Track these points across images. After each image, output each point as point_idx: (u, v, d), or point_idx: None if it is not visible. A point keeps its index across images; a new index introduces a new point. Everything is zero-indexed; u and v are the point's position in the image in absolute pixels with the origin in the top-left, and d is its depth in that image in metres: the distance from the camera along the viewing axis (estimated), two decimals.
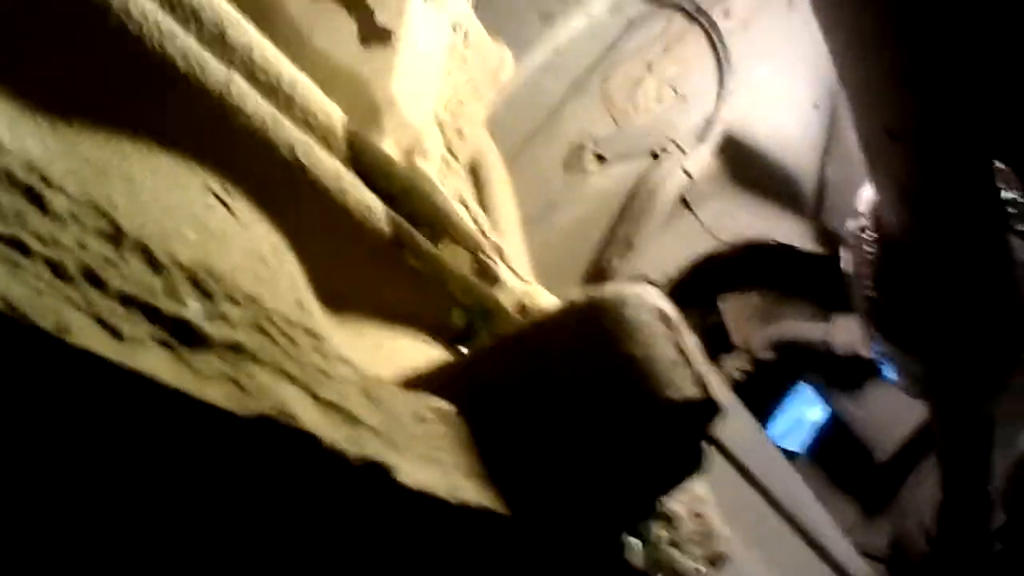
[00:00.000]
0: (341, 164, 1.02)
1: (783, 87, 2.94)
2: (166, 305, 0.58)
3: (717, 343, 3.29)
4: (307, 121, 1.02)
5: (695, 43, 2.91)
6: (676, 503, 1.02)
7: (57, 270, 0.54)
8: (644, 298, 0.88)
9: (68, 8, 0.77)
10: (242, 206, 0.90)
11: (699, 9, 2.88)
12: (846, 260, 1.72)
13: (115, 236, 0.59)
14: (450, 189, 1.54)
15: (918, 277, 1.57)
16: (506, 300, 1.30)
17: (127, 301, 0.56)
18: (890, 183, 1.50)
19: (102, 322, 0.54)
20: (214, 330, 0.59)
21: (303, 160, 0.95)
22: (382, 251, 1.06)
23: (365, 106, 1.48)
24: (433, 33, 1.64)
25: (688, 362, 0.86)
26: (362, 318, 1.09)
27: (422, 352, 1.12)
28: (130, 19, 0.80)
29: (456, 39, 1.71)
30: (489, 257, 1.33)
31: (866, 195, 1.66)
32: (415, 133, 1.50)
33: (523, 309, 1.34)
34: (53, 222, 0.56)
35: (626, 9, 2.93)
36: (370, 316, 1.10)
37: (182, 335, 0.57)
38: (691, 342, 0.89)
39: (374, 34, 1.56)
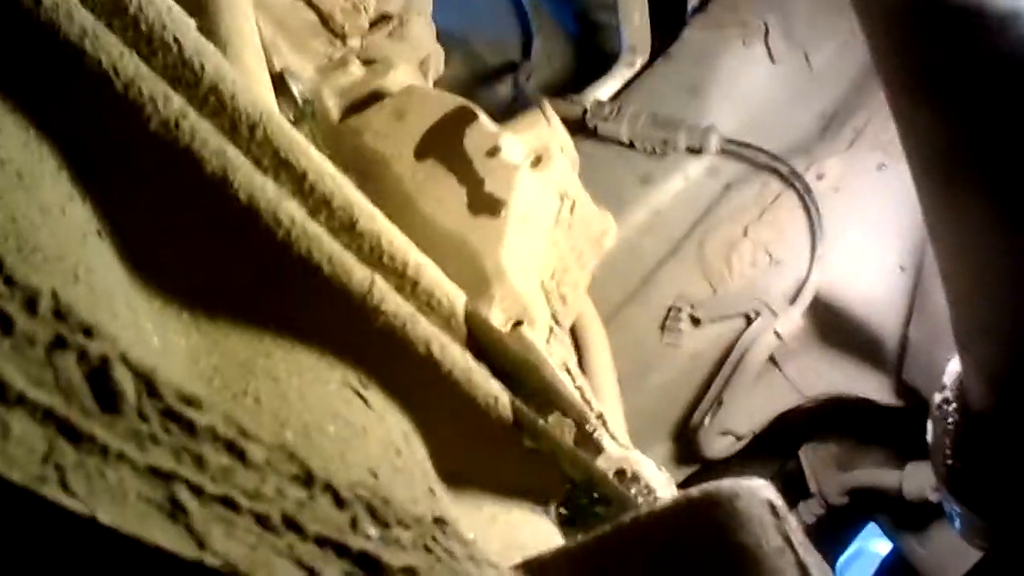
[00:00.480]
0: (470, 355, 1.07)
1: (871, 249, 2.96)
2: (352, 541, 0.61)
3: (795, 489, 3.28)
4: (430, 304, 1.07)
5: (789, 207, 2.95)
6: None
7: (263, 522, 0.57)
8: (755, 491, 0.91)
9: (216, 211, 0.83)
10: (376, 396, 0.95)
11: (794, 172, 2.92)
12: (929, 429, 1.75)
13: (307, 480, 0.62)
14: (556, 358, 1.58)
15: (997, 451, 1.60)
16: (607, 466, 1.35)
17: (321, 542, 0.59)
18: (979, 371, 1.54)
19: (302, 565, 0.57)
20: (391, 557, 0.63)
21: (438, 356, 1.01)
22: (502, 434, 1.10)
23: (474, 275, 1.53)
24: (541, 202, 1.68)
25: (793, 549, 0.89)
26: (478, 492, 1.14)
27: (531, 524, 1.17)
28: (279, 225, 0.86)
29: (563, 207, 1.75)
30: (593, 427, 1.37)
31: (952, 369, 1.69)
32: (523, 303, 1.54)
33: (622, 474, 1.38)
34: (255, 474, 0.58)
35: (723, 172, 2.99)
36: (485, 490, 1.15)
37: (367, 567, 0.61)
38: (795, 528, 0.92)
39: (483, 202, 1.61)
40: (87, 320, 0.47)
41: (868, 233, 2.95)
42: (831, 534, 3.38)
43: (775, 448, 3.24)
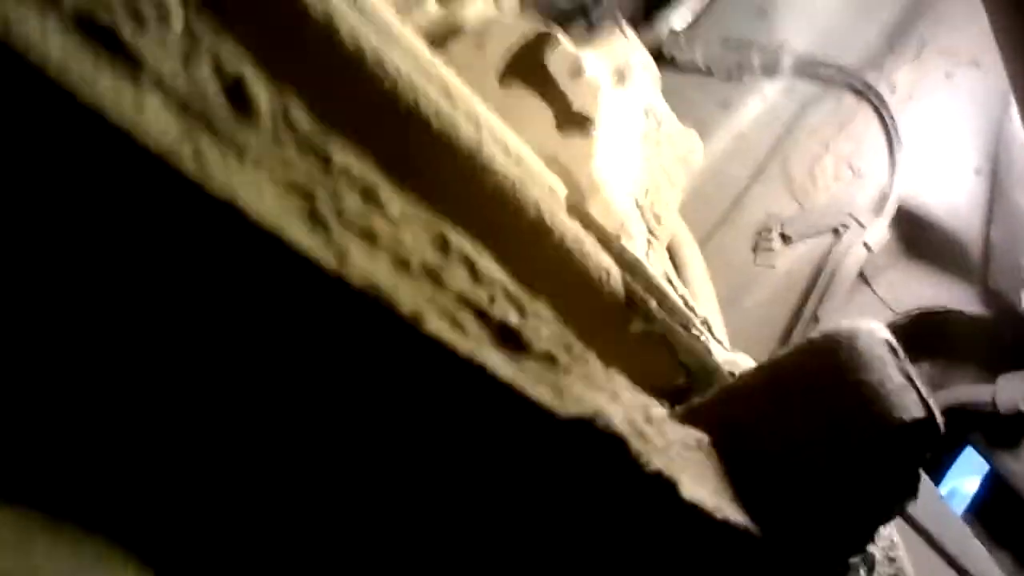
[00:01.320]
0: (581, 228, 1.07)
1: (947, 156, 2.97)
2: (493, 311, 0.63)
3: None
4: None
5: (865, 119, 2.97)
6: (872, 546, 1.06)
7: (403, 264, 0.58)
8: (875, 332, 0.93)
9: (326, 57, 0.83)
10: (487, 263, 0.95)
11: (867, 85, 2.94)
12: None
13: (444, 246, 0.63)
14: (657, 269, 1.59)
15: None
16: None
17: (463, 302, 0.61)
18: None
19: (449, 317, 0.59)
20: (533, 339, 0.66)
21: (550, 222, 1.01)
22: (615, 312, 1.12)
23: (570, 191, 1.55)
24: (628, 119, 1.69)
25: (915, 387, 0.92)
26: None
27: None
28: (385, 74, 0.85)
29: (649, 125, 1.77)
30: (700, 331, 1.38)
31: None
32: (619, 217, 1.55)
33: (731, 376, 1.39)
34: (392, 223, 0.59)
35: (798, 90, 3.00)
36: None
37: (508, 339, 0.63)
38: (914, 371, 0.94)
39: (571, 121, 1.62)
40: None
41: (942, 139, 2.97)
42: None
43: None
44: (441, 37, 1.83)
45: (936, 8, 3.04)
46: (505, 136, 1.06)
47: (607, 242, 1.16)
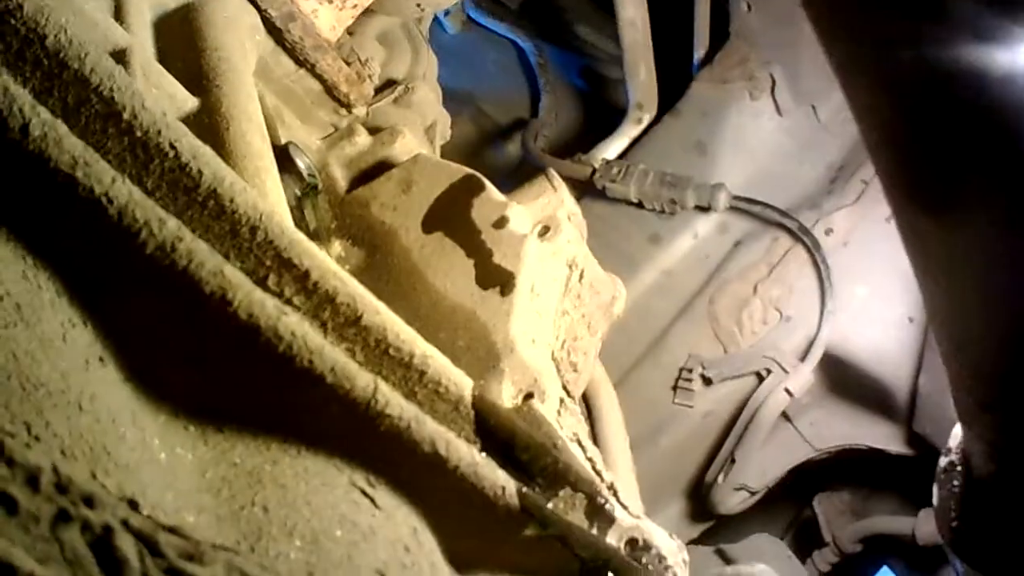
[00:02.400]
0: (476, 447, 1.08)
1: (880, 302, 2.95)
2: None
3: (810, 538, 3.29)
4: (438, 391, 1.07)
5: (798, 263, 2.95)
6: None
7: None
8: None
9: (217, 328, 0.83)
10: (384, 495, 0.96)
11: (803, 228, 2.92)
12: (935, 492, 1.77)
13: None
14: (567, 430, 1.56)
15: (998, 515, 1.63)
16: (619, 536, 1.36)
17: None
18: (981, 442, 1.56)
19: None
20: None
21: (444, 453, 1.01)
22: (510, 521, 1.10)
23: (484, 349, 1.52)
24: (550, 272, 1.67)
25: None
26: None
27: None
28: (280, 340, 0.86)
29: (572, 276, 1.74)
30: (604, 499, 1.36)
31: (956, 433, 1.72)
32: (533, 375, 1.53)
33: (634, 543, 1.38)
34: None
35: (732, 229, 2.99)
36: (494, 574, 1.14)
37: None
38: None
39: (491, 275, 1.60)
40: (87, 489, 0.47)
41: (877, 286, 2.95)
42: None
43: (789, 498, 3.24)
44: (368, 170, 1.81)
45: None
46: (412, 343, 1.06)
47: (501, 434, 1.16)
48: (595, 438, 1.91)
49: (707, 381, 2.83)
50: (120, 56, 1.25)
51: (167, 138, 0.87)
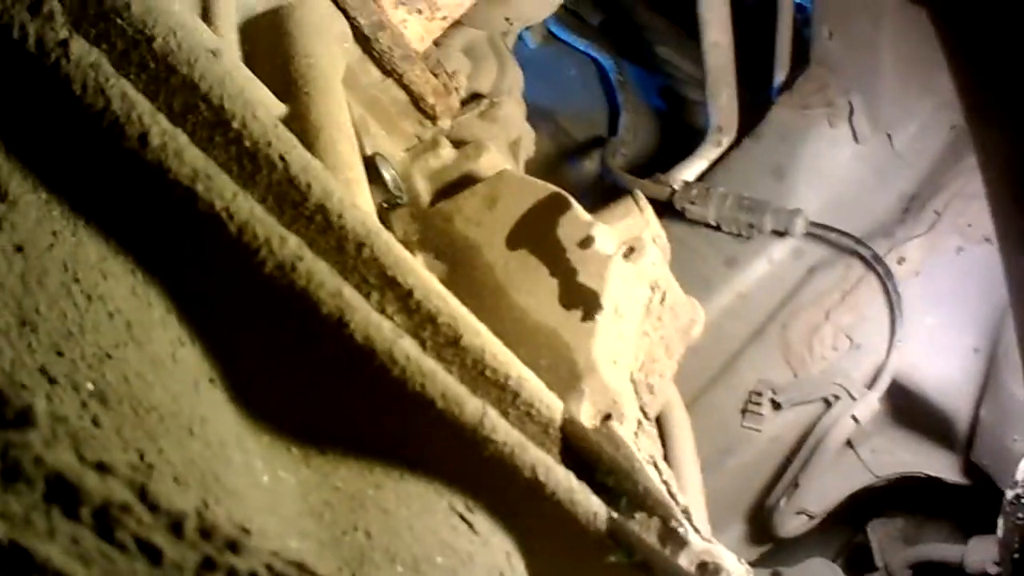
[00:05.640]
0: (573, 475, 1.06)
1: (948, 332, 2.93)
2: None
3: (862, 563, 3.27)
4: (529, 413, 1.07)
5: (870, 291, 2.93)
6: None
7: None
8: None
9: (330, 349, 0.83)
10: (481, 520, 0.95)
11: (876, 257, 2.90)
12: (1000, 524, 1.77)
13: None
14: (644, 452, 1.57)
15: None
16: (691, 560, 1.36)
17: None
18: None
19: None
20: None
21: (543, 479, 1.00)
22: (597, 546, 1.09)
23: (566, 369, 1.52)
24: (633, 293, 1.67)
25: None
26: None
27: None
28: (395, 363, 0.85)
29: (654, 298, 1.74)
30: (679, 522, 1.37)
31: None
32: (613, 396, 1.54)
33: (704, 567, 1.39)
34: None
35: (807, 255, 2.98)
36: None
37: None
38: None
39: (575, 294, 1.59)
40: (232, 534, 0.46)
41: (945, 316, 2.94)
42: None
43: (843, 522, 3.22)
44: (452, 184, 1.81)
45: (955, 182, 3.03)
46: (508, 365, 1.05)
47: (587, 458, 1.16)
48: (667, 459, 1.91)
49: (776, 406, 2.82)
50: None
51: (277, 150, 0.86)
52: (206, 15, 1.38)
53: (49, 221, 0.72)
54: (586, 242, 1.63)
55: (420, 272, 0.94)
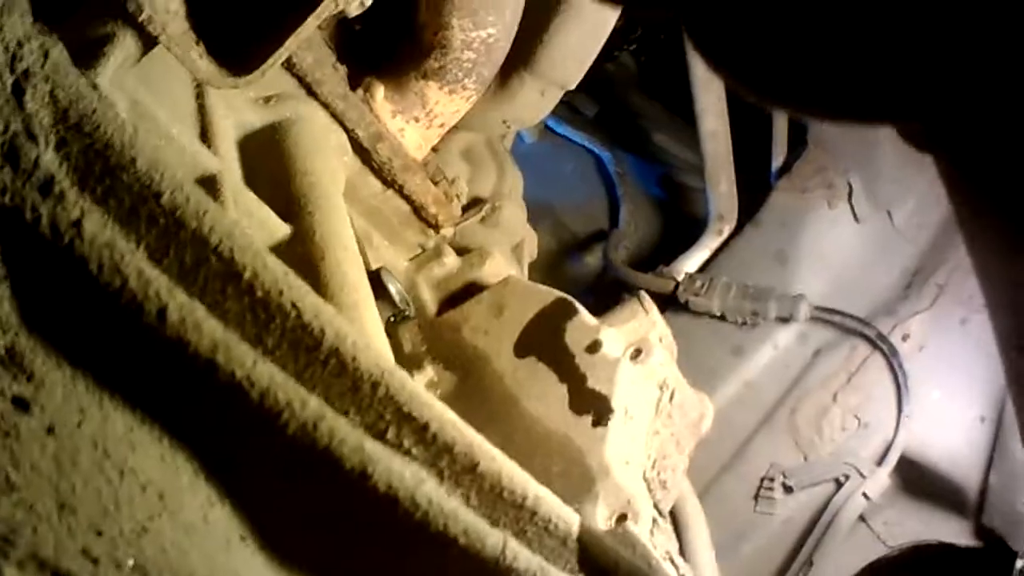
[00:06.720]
0: None
1: (954, 404, 2.94)
2: None
3: None
4: (547, 529, 1.08)
5: (876, 371, 2.95)
6: None
7: None
8: None
9: (355, 502, 0.85)
10: None
11: (880, 336, 2.92)
12: None
13: None
14: (660, 549, 1.58)
15: None
16: None
17: None
18: None
19: None
20: None
21: None
22: None
23: (579, 473, 1.54)
24: (642, 394, 1.68)
25: None
26: None
27: None
28: (417, 508, 0.87)
29: (663, 397, 1.75)
30: None
31: None
32: (626, 496, 1.55)
33: None
34: None
35: (812, 339, 3.00)
36: None
37: None
38: None
39: (585, 399, 1.61)
40: None
41: (951, 388, 2.95)
42: None
43: None
44: (458, 292, 1.83)
45: (956, 254, 3.05)
46: (525, 486, 1.06)
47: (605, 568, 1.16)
48: (683, 551, 1.92)
49: (788, 489, 2.83)
50: (210, 182, 1.27)
51: (289, 298, 0.87)
52: (204, 134, 1.40)
53: (76, 397, 0.74)
54: (594, 347, 1.65)
55: (435, 404, 0.96)
